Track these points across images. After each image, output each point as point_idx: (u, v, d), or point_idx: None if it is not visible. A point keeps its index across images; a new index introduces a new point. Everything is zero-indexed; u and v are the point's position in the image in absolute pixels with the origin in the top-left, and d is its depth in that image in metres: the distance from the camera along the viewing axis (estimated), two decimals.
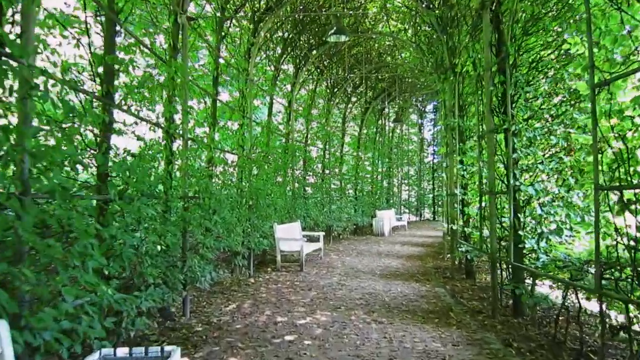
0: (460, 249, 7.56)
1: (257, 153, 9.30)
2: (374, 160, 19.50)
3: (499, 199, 8.34)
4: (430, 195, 26.09)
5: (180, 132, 5.69)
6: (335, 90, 15.10)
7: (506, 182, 5.61)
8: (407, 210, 23.98)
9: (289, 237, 10.15)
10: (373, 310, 6.01)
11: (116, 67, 4.06)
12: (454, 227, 7.95)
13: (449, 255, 11.12)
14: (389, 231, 17.64)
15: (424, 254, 12.14)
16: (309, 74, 13.56)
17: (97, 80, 3.99)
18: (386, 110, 20.95)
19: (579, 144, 4.35)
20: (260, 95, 10.12)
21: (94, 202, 3.57)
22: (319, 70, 13.86)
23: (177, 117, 5.82)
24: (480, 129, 6.21)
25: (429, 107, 25.64)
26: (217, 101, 7.57)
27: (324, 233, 11.28)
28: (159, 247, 4.18)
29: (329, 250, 12.67)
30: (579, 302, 3.99)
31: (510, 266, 5.48)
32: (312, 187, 13.44)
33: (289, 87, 12.10)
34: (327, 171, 14.69)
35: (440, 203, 25.80)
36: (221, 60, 7.66)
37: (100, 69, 4.02)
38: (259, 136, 9.46)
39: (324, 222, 13.78)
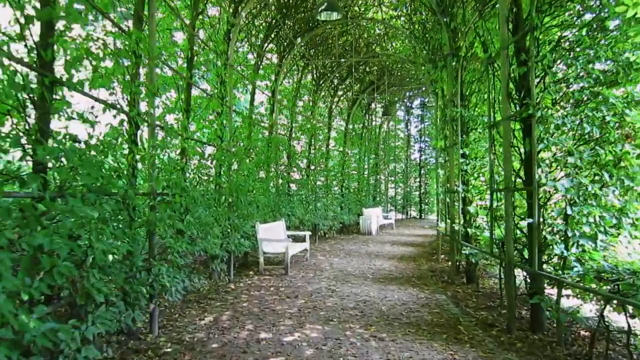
0: (463, 252, 6.85)
1: (237, 146, 8.45)
2: (360, 156, 18.78)
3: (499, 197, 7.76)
4: (417, 193, 25.54)
5: (146, 117, 4.83)
6: (321, 82, 14.30)
7: (522, 177, 4.92)
8: (393, 208, 23.37)
9: (273, 237, 9.33)
10: (370, 323, 5.26)
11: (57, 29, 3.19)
12: (456, 228, 7.25)
13: (443, 256, 10.48)
14: (376, 230, 16.96)
15: (416, 254, 11.47)
16: (293, 63, 12.73)
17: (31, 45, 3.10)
18: (373, 105, 20.25)
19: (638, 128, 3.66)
20: (241, 83, 9.26)
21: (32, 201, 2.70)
22: (304, 59, 13.04)
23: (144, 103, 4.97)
24: (491, 118, 5.50)
25: (416, 103, 25.07)
26: (192, 86, 6.70)
27: (310, 233, 10.50)
28: (112, 257, 3.32)
29: (316, 251, 11.90)
30: (627, 322, 3.31)
31: (528, 274, 4.79)
32: (296, 184, 12.63)
33: (273, 78, 11.25)
34: (312, 167, 13.89)
35: (427, 201, 25.31)
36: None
37: (36, 32, 3.15)
38: (239, 127, 8.60)
39: (309, 221, 13.00)
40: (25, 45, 3.11)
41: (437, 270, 9.01)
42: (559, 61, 4.38)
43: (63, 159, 2.86)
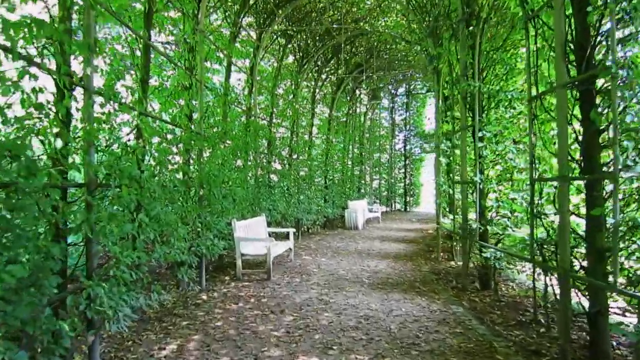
0: (483, 254, 5.73)
1: (210, 129, 7.12)
2: (345, 145, 17.57)
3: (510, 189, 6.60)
4: (401, 184, 24.54)
5: (82, 80, 3.47)
6: (305, 63, 12.98)
7: (581, 163, 3.79)
8: (377, 200, 22.32)
9: (253, 236, 8.06)
10: (382, 353, 4.08)
11: None
12: (473, 225, 6.11)
13: (442, 254, 9.41)
14: (362, 224, 15.85)
15: (412, 253, 10.38)
16: (274, 39, 11.38)
17: None
18: (358, 92, 19.05)
19: None
20: (214, 57, 7.88)
21: None
22: (286, 37, 11.69)
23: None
24: (533, 90, 4.35)
25: (401, 90, 23.92)
26: (151, 50, 5.32)
27: (294, 229, 9.26)
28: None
29: (300, 249, 10.68)
30: None
31: (591, 287, 3.69)
32: (278, 175, 11.33)
33: (251, 54, 9.89)
34: (294, 156, 12.61)
35: (412, 193, 24.35)
36: None
37: None
38: (212, 107, 7.24)
39: (292, 215, 11.75)
40: None
41: (442, 273, 7.92)
42: None
43: None
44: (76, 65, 3.71)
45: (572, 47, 3.81)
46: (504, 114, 6.01)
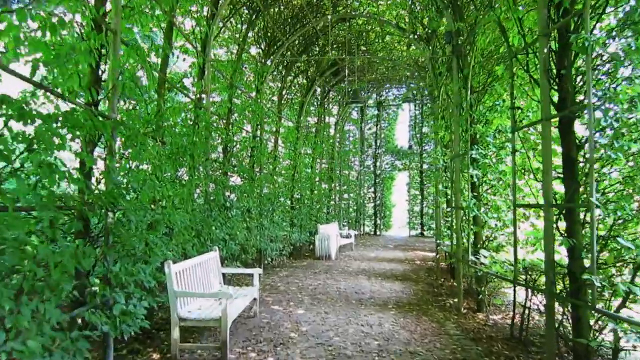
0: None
1: (128, 111, 4.32)
2: (315, 158, 14.97)
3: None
4: (371, 205, 22.16)
5: None
6: (272, 52, 10.39)
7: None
8: (346, 223, 19.78)
9: (199, 286, 5.26)
10: None
11: None
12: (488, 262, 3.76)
13: (464, 302, 6.95)
14: (335, 253, 13.22)
15: (414, 297, 7.85)
16: (234, 10, 8.76)
17: None
18: (331, 95, 16.65)
19: None
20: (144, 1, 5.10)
21: None
22: (250, 11, 9.10)
23: None
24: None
25: (370, 102, 21.77)
26: None
27: (259, 270, 6.48)
28: None
29: (265, 291, 7.90)
30: None
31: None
32: (237, 192, 8.48)
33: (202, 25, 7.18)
34: (257, 168, 9.84)
35: (383, 215, 21.98)
36: None
37: None
38: (133, 73, 4.37)
39: (254, 246, 8.95)
40: None
41: (483, 338, 5.40)
42: None
43: None
44: None
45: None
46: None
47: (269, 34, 10.33)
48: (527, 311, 5.00)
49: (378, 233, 21.97)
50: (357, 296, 7.81)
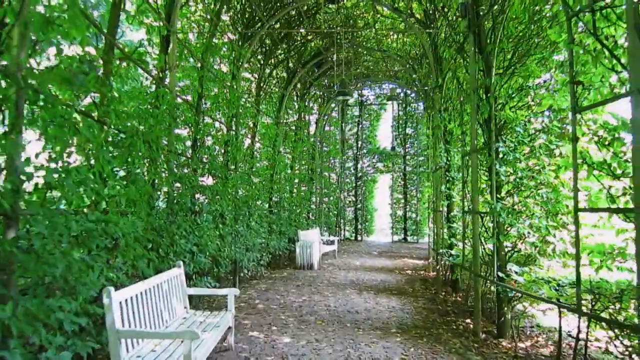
0: None
1: (59, 70, 3.00)
2: (294, 159, 13.72)
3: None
4: (352, 209, 21.03)
5: None
6: (251, 34, 9.11)
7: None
8: (327, 228, 18.57)
9: (155, 316, 3.95)
10: None
11: None
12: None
13: (482, 324, 5.83)
14: (318, 261, 11.99)
15: (417, 314, 6.70)
16: None
17: None
18: (309, 94, 15.44)
19: None
20: None
21: None
22: None
23: None
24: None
25: (351, 101, 20.70)
26: None
27: (237, 291, 5.18)
28: None
29: (241, 310, 6.60)
30: None
31: None
32: (208, 193, 7.14)
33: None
34: (232, 167, 8.51)
35: (365, 219, 20.86)
36: None
37: None
38: (69, 25, 3.04)
39: (228, 257, 7.63)
40: None
41: None
42: None
43: None
44: None
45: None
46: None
47: (247, 15, 9.08)
48: (582, 342, 3.92)
49: (359, 238, 20.83)
50: (350, 316, 6.61)
